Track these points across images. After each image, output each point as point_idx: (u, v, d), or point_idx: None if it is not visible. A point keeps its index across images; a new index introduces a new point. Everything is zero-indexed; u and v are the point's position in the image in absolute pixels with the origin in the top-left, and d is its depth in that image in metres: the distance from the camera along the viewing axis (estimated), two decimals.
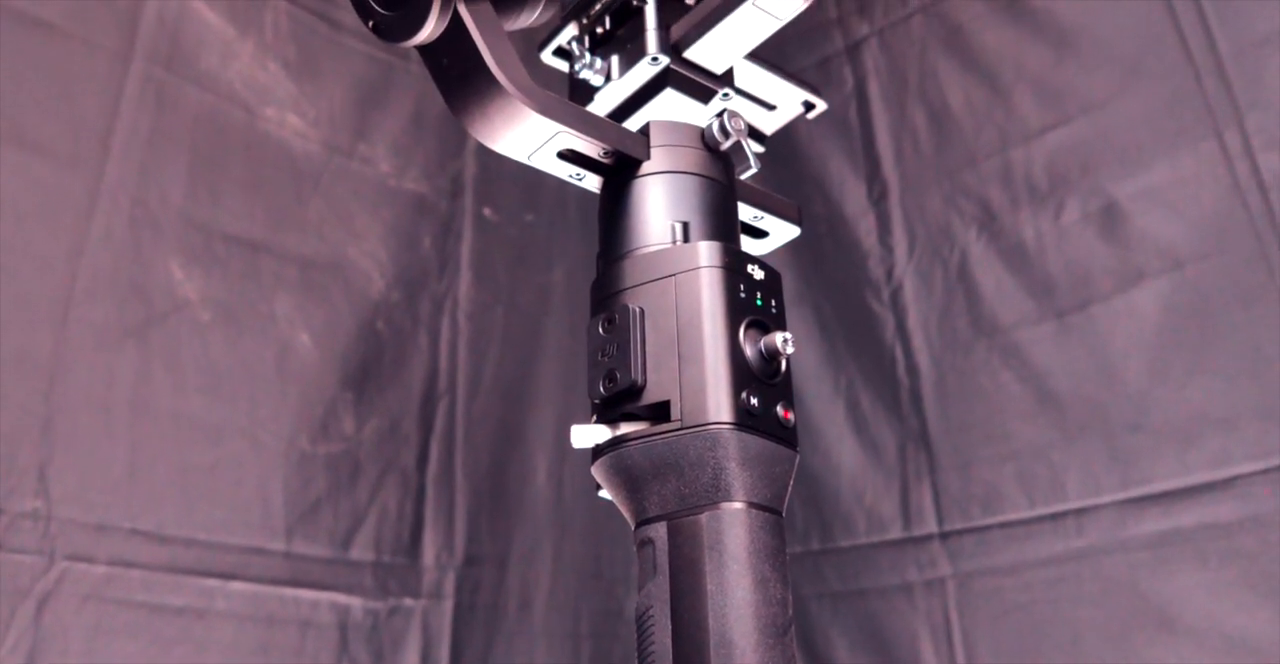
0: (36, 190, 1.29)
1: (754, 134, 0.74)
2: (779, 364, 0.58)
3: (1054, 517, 1.40)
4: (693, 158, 0.65)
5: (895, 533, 1.56)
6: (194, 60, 1.48)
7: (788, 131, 0.78)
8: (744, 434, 0.55)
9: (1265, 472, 1.23)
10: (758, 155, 0.68)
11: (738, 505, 0.54)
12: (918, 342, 1.60)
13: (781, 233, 0.74)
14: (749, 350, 0.57)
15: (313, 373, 1.50)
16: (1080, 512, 1.37)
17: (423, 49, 0.61)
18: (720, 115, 0.66)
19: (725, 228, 0.64)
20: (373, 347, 1.59)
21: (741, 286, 0.59)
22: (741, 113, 0.70)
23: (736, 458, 0.55)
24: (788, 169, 1.81)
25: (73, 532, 1.21)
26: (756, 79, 0.74)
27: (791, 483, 0.58)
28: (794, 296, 1.76)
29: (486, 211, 1.82)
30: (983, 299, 1.54)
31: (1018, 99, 1.57)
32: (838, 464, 1.64)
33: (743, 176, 0.70)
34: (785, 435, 0.58)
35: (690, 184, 0.64)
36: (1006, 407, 1.48)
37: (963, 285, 1.57)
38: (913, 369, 1.60)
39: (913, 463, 1.56)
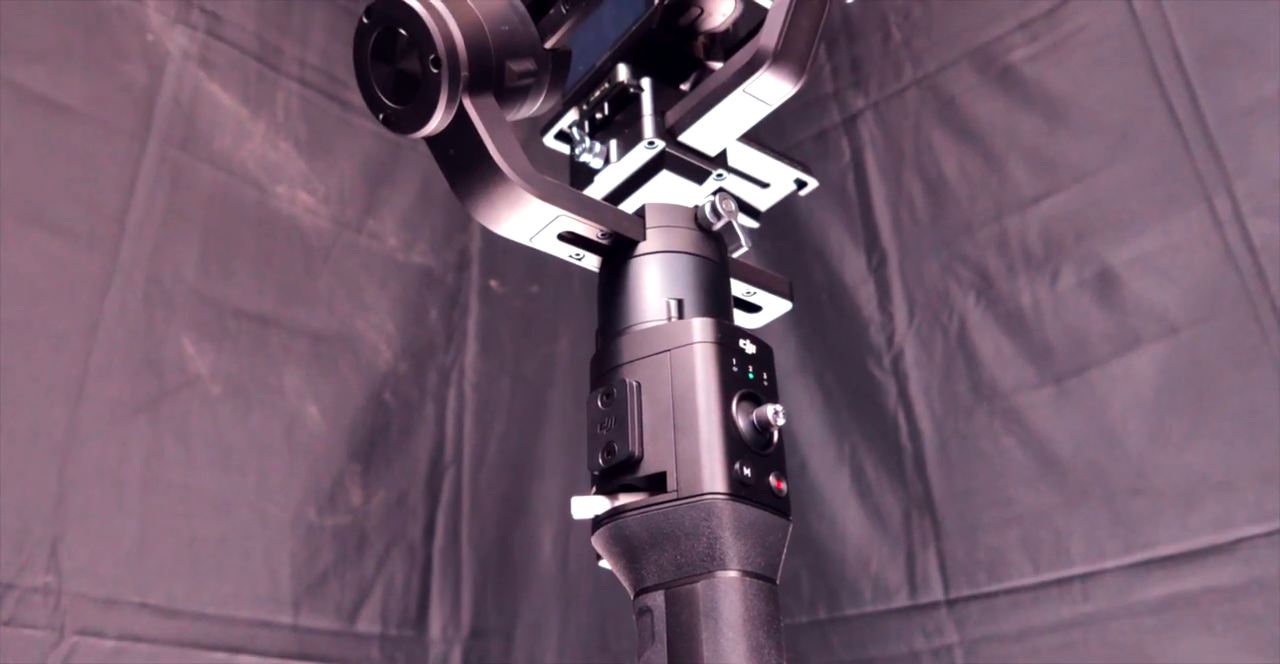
0: (53, 269, 1.32)
1: (749, 211, 0.76)
2: (771, 435, 0.60)
3: (1059, 582, 1.40)
4: (687, 238, 0.68)
5: (902, 600, 1.56)
6: (208, 140, 1.53)
7: (788, 203, 0.81)
8: (738, 504, 0.57)
9: (1267, 535, 1.24)
10: (749, 234, 0.71)
11: (732, 574, 0.56)
12: (920, 407, 1.62)
13: (774, 307, 0.76)
14: (742, 422, 0.59)
15: (321, 445, 1.52)
16: (1085, 577, 1.38)
17: (430, 139, 0.64)
18: (712, 198, 0.69)
19: (718, 304, 0.67)
20: (380, 418, 1.61)
21: (734, 361, 0.61)
22: (736, 191, 0.72)
23: (731, 527, 0.56)
24: (788, 239, 1.84)
25: (83, 606, 1.22)
26: (750, 158, 0.76)
27: (785, 551, 0.60)
28: (796, 365, 1.77)
29: (493, 284, 1.85)
30: (982, 365, 1.56)
31: (1011, 168, 1.61)
32: (843, 532, 1.64)
33: (735, 255, 0.72)
34: (778, 505, 0.59)
35: (684, 263, 0.67)
36: (1009, 472, 1.49)
37: (962, 351, 1.59)
38: (915, 435, 1.61)
39: (918, 529, 1.57)
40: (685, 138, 0.69)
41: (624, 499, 0.59)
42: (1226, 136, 1.38)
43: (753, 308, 0.76)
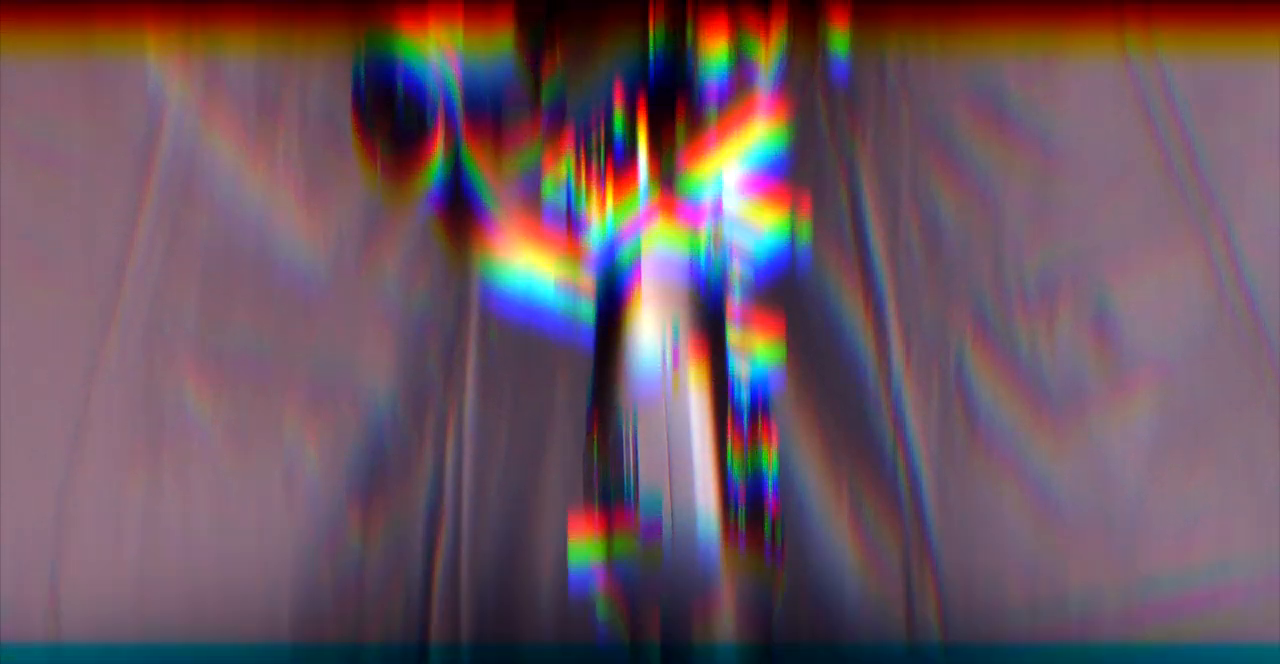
0: (51, 315, 1.32)
1: (744, 253, 0.77)
2: (766, 478, 0.60)
3: (1058, 625, 1.39)
4: (682, 281, 0.69)
5: (900, 645, 1.54)
6: (208, 186, 1.54)
7: (783, 244, 0.81)
8: (732, 547, 0.57)
9: (1266, 577, 1.23)
10: (745, 276, 0.71)
11: (727, 617, 0.56)
12: (918, 449, 1.61)
13: (769, 349, 0.76)
14: (736, 465, 0.59)
15: (319, 490, 1.51)
16: (1084, 621, 1.37)
17: (427, 183, 0.64)
18: (708, 241, 0.69)
19: (714, 346, 0.67)
20: (378, 462, 1.60)
21: (729, 404, 0.61)
22: (731, 234, 0.73)
23: (725, 571, 0.56)
24: (784, 281, 1.84)
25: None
26: (745, 201, 0.77)
27: (781, 594, 0.60)
28: (792, 406, 1.77)
29: (492, 326, 1.85)
30: (980, 406, 1.55)
31: (1008, 209, 1.61)
32: (840, 575, 1.63)
33: (731, 293, 0.73)
34: (773, 548, 0.59)
35: (679, 306, 0.67)
36: (1007, 514, 1.48)
37: (960, 393, 1.58)
38: (914, 477, 1.60)
39: (916, 573, 1.56)
40: (681, 181, 0.70)
41: (618, 542, 0.59)
42: (1222, 178, 1.39)
43: (748, 349, 0.76)
